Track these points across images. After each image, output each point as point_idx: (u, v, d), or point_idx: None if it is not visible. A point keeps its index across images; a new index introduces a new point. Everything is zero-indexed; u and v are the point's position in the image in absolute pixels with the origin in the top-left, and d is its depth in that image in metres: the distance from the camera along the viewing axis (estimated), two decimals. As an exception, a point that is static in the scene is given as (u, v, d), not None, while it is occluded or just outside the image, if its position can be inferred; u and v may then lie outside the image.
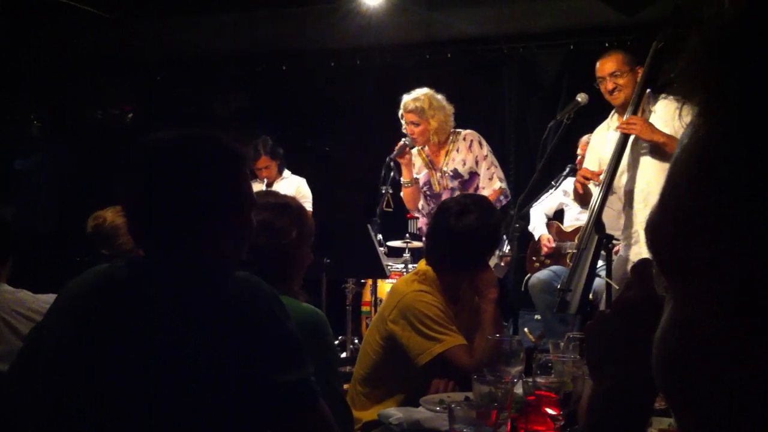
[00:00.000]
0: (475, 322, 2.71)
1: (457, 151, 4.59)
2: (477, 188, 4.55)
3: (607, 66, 3.86)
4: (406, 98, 4.59)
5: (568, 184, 4.86)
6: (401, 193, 4.81)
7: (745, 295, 0.46)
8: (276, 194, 2.42)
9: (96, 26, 6.39)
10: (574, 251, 3.84)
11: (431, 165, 4.67)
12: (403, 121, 4.63)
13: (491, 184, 4.53)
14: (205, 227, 1.57)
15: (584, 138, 4.75)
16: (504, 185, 4.58)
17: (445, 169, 4.60)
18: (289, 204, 2.25)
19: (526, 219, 5.15)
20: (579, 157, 4.88)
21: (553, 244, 5.15)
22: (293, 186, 5.85)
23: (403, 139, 4.59)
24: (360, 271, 5.01)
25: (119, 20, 6.31)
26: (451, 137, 4.62)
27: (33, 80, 6.89)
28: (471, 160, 4.56)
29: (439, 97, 4.58)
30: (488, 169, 4.56)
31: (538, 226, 5.33)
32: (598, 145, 4.01)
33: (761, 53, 0.46)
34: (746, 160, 0.45)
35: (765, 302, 0.45)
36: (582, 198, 3.96)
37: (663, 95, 3.72)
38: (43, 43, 6.63)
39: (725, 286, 0.47)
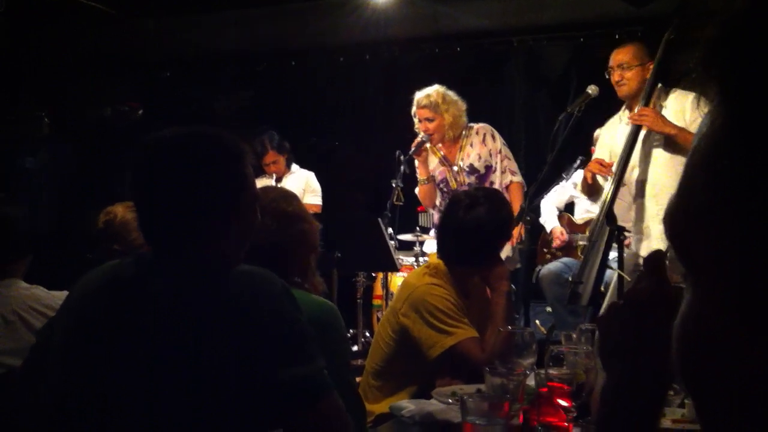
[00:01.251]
0: (487, 314, 2.71)
1: (471, 145, 4.59)
2: (492, 182, 4.55)
3: (617, 57, 3.87)
4: (419, 95, 4.60)
5: (579, 176, 4.84)
6: (416, 191, 4.80)
7: (745, 295, 0.46)
8: (277, 188, 2.42)
9: (98, 24, 6.38)
10: (585, 243, 3.82)
11: (446, 162, 4.66)
12: (416, 119, 4.63)
13: (506, 178, 4.54)
14: (207, 224, 1.57)
15: (597, 132, 4.73)
16: (520, 178, 4.58)
17: (461, 164, 4.59)
18: (291, 197, 2.25)
19: (537, 211, 5.14)
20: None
21: (566, 237, 5.14)
22: (302, 180, 5.84)
23: (420, 136, 4.59)
24: (371, 264, 5.02)
25: (121, 18, 6.30)
26: (464, 132, 4.63)
27: (36, 78, 6.89)
28: (486, 154, 4.56)
29: (451, 93, 4.60)
30: (503, 162, 4.57)
31: (549, 219, 5.32)
32: (609, 138, 3.99)
33: (766, 48, 0.46)
34: (747, 158, 0.45)
35: (765, 302, 0.45)
36: (589, 188, 3.94)
37: (674, 89, 3.70)
38: (45, 41, 6.63)
39: (728, 283, 0.47)
